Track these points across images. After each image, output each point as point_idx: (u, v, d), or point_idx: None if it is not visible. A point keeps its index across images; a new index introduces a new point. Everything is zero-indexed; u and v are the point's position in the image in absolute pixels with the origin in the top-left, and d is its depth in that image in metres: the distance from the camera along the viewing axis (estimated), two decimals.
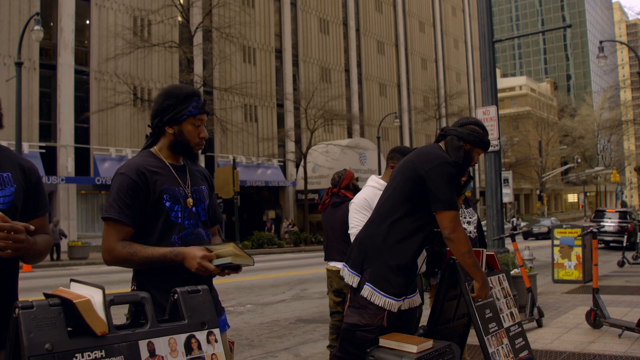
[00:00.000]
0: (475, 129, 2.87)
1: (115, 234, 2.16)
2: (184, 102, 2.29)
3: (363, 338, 2.61)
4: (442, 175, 2.68)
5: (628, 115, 50.32)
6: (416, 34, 47.12)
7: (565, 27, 16.89)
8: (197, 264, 2.08)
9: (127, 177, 2.19)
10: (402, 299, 2.68)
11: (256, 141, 31.08)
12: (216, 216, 2.51)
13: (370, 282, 2.66)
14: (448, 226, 2.64)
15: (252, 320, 7.69)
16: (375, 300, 2.62)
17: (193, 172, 2.41)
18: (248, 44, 31.20)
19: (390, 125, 39.85)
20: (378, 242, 2.73)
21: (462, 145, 2.82)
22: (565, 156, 66.59)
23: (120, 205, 2.16)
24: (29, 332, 1.44)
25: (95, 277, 13.29)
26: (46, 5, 23.31)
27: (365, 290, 2.65)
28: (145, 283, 2.20)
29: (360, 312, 2.65)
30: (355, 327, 2.64)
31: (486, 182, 8.40)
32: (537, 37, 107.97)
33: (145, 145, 2.38)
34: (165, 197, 2.22)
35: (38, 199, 2.11)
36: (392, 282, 2.65)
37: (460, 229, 2.66)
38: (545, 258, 14.83)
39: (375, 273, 2.67)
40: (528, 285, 6.66)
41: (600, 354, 4.99)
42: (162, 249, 2.15)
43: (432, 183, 2.67)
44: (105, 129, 24.67)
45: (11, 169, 2.02)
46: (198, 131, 2.32)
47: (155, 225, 2.21)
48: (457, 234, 2.64)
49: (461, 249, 2.67)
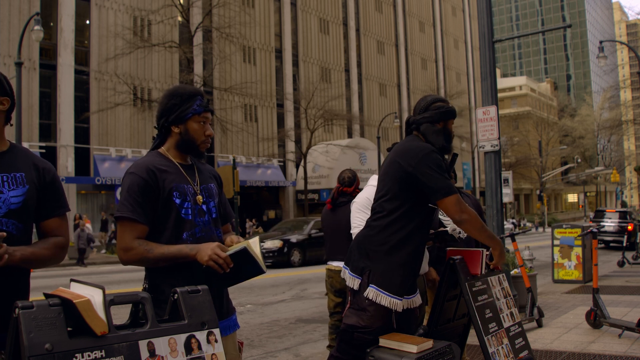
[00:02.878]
0: (439, 105, 2.86)
1: (131, 233, 2.16)
2: (188, 100, 2.31)
3: (361, 339, 2.61)
4: (430, 165, 2.66)
5: (628, 115, 50.31)
6: (416, 34, 47.12)
7: (565, 27, 16.90)
8: (211, 251, 2.09)
9: (137, 176, 2.20)
10: (407, 298, 2.69)
11: (256, 141, 31.08)
12: (227, 214, 2.52)
13: (373, 283, 2.65)
14: (454, 210, 2.64)
15: (252, 320, 7.69)
16: (381, 301, 2.61)
17: (202, 171, 2.43)
18: (248, 44, 31.21)
19: (390, 125, 39.84)
20: (377, 243, 2.72)
21: (439, 128, 2.82)
22: (565, 156, 66.59)
23: (132, 204, 2.17)
24: (29, 332, 1.44)
25: (95, 277, 13.29)
26: (46, 5, 23.31)
27: (370, 292, 2.63)
28: (159, 282, 2.20)
29: (360, 314, 2.64)
30: (354, 328, 2.63)
31: (486, 182, 8.39)
32: (537, 37, 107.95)
33: (153, 146, 2.40)
34: (175, 194, 2.23)
35: (54, 200, 2.11)
36: (394, 282, 2.65)
37: (466, 209, 2.66)
38: (545, 258, 14.83)
39: (377, 274, 2.66)
40: (528, 285, 6.66)
41: (600, 354, 4.99)
42: (177, 246, 2.16)
43: (423, 176, 2.66)
44: (105, 129, 24.67)
45: (25, 169, 2.03)
46: (204, 129, 2.34)
47: (167, 223, 2.22)
48: (466, 215, 2.64)
49: (475, 226, 2.68)
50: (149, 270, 2.25)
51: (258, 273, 2.23)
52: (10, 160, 2.02)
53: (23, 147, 2.12)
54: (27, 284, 2.05)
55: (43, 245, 2.03)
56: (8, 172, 1.99)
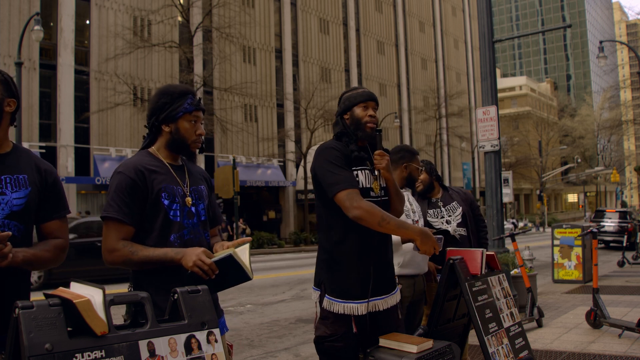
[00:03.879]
0: (346, 96, 2.71)
1: (116, 234, 2.14)
2: (179, 99, 2.27)
3: (332, 348, 2.55)
4: (322, 162, 2.54)
5: (628, 115, 50.33)
6: (416, 34, 47.12)
7: (565, 27, 16.90)
8: (196, 257, 2.04)
9: (125, 175, 2.17)
10: (365, 302, 2.55)
11: (256, 141, 31.08)
12: (216, 217, 2.48)
13: (327, 293, 2.58)
14: (346, 206, 2.43)
15: (252, 320, 7.69)
16: (336, 309, 2.54)
17: (192, 172, 2.39)
18: (248, 44, 31.20)
19: (390, 125, 39.84)
20: (321, 252, 2.65)
21: (340, 119, 2.67)
22: (565, 156, 66.59)
23: (119, 204, 2.14)
24: (29, 332, 1.44)
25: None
26: (46, 5, 23.31)
27: (325, 302, 2.57)
28: (143, 284, 2.17)
29: (325, 322, 2.58)
30: (322, 339, 2.58)
31: (486, 182, 8.40)
32: (537, 37, 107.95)
33: (143, 146, 2.36)
34: (163, 195, 2.20)
35: (55, 202, 2.11)
36: (347, 287, 2.55)
37: (358, 203, 2.42)
38: (545, 258, 14.83)
39: (328, 283, 2.59)
40: (528, 285, 6.66)
41: (600, 354, 4.99)
42: (162, 249, 2.12)
43: (320, 174, 2.55)
44: (105, 129, 24.67)
45: (28, 171, 2.03)
46: (195, 128, 2.30)
47: (154, 224, 2.19)
48: (358, 211, 2.41)
49: (373, 222, 2.43)
50: (134, 272, 2.22)
51: (244, 280, 2.18)
52: (13, 162, 2.01)
53: (25, 149, 2.12)
54: (28, 285, 2.05)
55: (44, 248, 2.03)
56: (11, 174, 1.99)
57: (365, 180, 2.61)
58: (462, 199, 4.14)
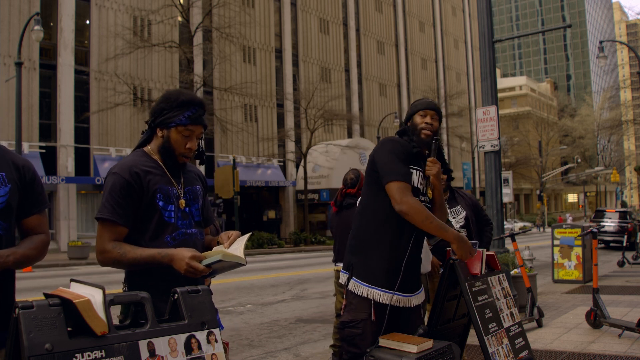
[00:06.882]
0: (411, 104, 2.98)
1: (108, 235, 2.14)
2: (177, 109, 2.24)
3: (351, 334, 2.62)
4: (384, 151, 2.71)
5: (628, 115, 50.31)
6: (416, 34, 47.12)
7: (565, 27, 16.90)
8: (186, 265, 2.05)
9: (120, 176, 2.17)
10: (391, 292, 2.65)
11: (256, 141, 31.08)
12: (209, 217, 2.49)
13: (355, 275, 2.70)
14: (395, 197, 2.60)
15: (252, 320, 7.68)
16: (358, 291, 2.64)
17: (187, 172, 2.39)
18: (248, 44, 31.20)
19: (390, 125, 39.83)
20: (357, 236, 2.77)
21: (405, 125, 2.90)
22: (565, 156, 66.60)
23: (113, 205, 2.14)
24: (29, 332, 1.44)
25: (95, 277, 13.28)
26: (46, 5, 23.31)
27: (351, 284, 2.68)
28: (137, 284, 2.17)
29: (349, 309, 2.68)
30: (344, 324, 2.66)
31: (486, 182, 8.40)
32: (537, 37, 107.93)
33: (140, 143, 2.36)
34: (158, 196, 2.21)
35: (33, 197, 2.09)
36: (374, 273, 2.66)
37: (407, 198, 2.58)
38: (545, 258, 14.83)
39: (359, 267, 2.70)
40: (528, 285, 6.66)
41: (600, 354, 4.99)
42: (151, 251, 2.12)
43: (378, 160, 2.72)
44: (105, 129, 24.67)
45: (6, 169, 2.01)
46: (185, 142, 2.26)
47: (149, 225, 2.19)
48: (405, 206, 2.57)
49: (417, 219, 2.58)
50: (127, 273, 2.23)
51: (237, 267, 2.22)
52: None
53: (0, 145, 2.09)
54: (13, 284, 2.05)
55: (30, 246, 2.02)
56: None
57: (418, 180, 2.77)
58: (467, 204, 4.26)
